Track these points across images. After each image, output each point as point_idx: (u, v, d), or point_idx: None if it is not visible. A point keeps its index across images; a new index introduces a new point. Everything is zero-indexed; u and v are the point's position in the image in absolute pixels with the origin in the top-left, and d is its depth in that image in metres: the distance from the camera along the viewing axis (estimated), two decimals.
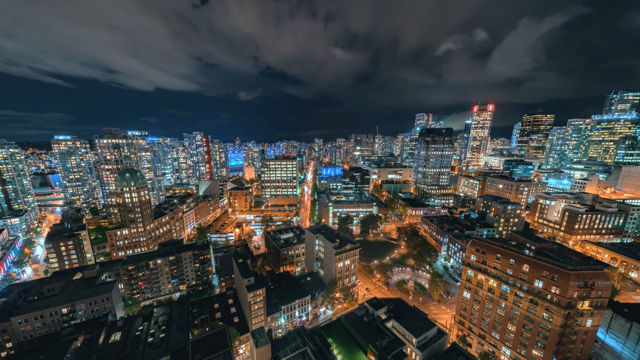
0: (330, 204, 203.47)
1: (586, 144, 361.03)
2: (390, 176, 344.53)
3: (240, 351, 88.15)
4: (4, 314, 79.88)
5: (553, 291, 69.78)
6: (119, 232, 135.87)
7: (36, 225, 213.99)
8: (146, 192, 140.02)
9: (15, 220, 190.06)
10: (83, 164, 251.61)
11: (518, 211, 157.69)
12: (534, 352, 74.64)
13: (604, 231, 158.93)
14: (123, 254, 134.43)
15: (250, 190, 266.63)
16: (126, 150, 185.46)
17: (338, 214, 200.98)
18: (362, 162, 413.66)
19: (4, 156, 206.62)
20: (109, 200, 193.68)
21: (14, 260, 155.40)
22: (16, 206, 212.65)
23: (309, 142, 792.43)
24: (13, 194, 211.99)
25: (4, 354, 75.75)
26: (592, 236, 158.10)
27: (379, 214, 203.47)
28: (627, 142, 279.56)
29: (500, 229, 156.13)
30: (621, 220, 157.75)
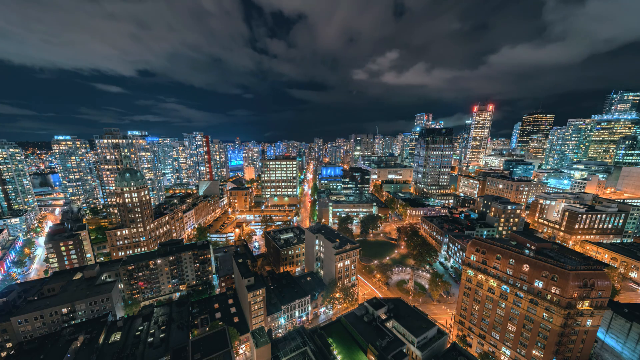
0: (330, 204, 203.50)
1: (586, 144, 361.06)
2: (390, 176, 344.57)
3: (240, 351, 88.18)
4: (4, 314, 79.94)
5: (553, 291, 69.79)
6: (119, 232, 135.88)
7: (36, 225, 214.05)
8: (146, 192, 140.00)
9: (15, 220, 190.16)
10: (83, 164, 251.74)
11: (518, 211, 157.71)
12: (534, 352, 74.64)
13: (603, 231, 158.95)
14: (123, 254, 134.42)
15: (250, 190, 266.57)
16: (126, 151, 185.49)
17: (338, 214, 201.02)
18: (362, 162, 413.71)
19: (4, 156, 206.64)
20: (109, 200, 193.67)
21: (14, 260, 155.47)
22: (16, 206, 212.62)
23: (309, 142, 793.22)
24: (13, 194, 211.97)
25: (4, 354, 75.78)
26: (592, 236, 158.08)
27: (379, 214, 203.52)
28: (627, 142, 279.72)
29: (500, 229, 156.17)
30: (621, 220, 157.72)
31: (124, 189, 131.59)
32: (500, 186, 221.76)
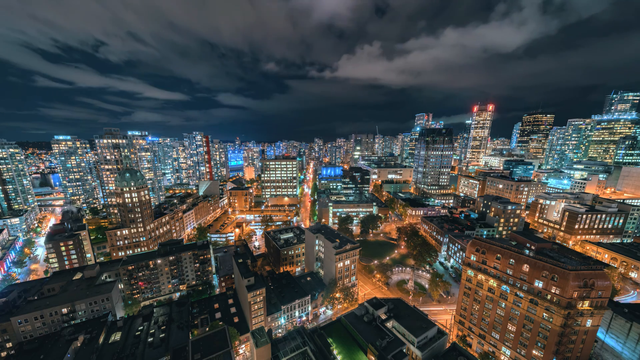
0: (330, 204, 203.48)
1: (586, 144, 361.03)
2: (390, 176, 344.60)
3: (240, 351, 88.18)
4: (4, 314, 79.93)
5: (553, 291, 69.80)
6: (119, 232, 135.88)
7: (36, 225, 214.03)
8: (146, 192, 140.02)
9: (15, 220, 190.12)
10: (83, 164, 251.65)
11: (518, 211, 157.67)
12: (534, 352, 74.65)
13: (603, 231, 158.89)
14: (123, 254, 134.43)
15: (250, 190, 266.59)
16: (126, 151, 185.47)
17: (338, 214, 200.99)
18: (362, 162, 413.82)
19: (4, 156, 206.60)
20: (109, 200, 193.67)
21: (14, 260, 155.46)
22: (16, 206, 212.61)
23: (309, 142, 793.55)
24: (13, 194, 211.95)
25: (4, 354, 75.76)
26: (592, 236, 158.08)
27: (379, 214, 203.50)
28: (627, 142, 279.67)
29: (500, 229, 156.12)
30: (621, 220, 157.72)
31: (124, 189, 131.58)
32: (500, 186, 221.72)
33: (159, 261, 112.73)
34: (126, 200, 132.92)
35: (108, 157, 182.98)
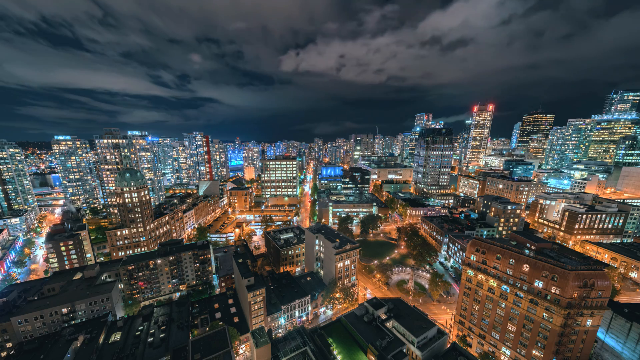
0: (330, 204, 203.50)
1: (586, 144, 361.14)
2: (390, 176, 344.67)
3: (240, 351, 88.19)
4: (4, 314, 79.89)
5: (553, 291, 69.80)
6: (119, 232, 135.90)
7: (36, 225, 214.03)
8: (146, 192, 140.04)
9: (15, 220, 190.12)
10: (83, 164, 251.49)
11: (518, 211, 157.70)
12: (534, 352, 74.64)
13: (603, 231, 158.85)
14: (123, 254, 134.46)
15: (250, 190, 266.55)
16: (126, 151, 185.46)
17: (338, 214, 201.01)
18: (362, 162, 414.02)
19: (4, 156, 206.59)
20: (109, 200, 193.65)
21: (14, 260, 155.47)
22: (16, 206, 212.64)
23: (309, 142, 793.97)
24: (13, 194, 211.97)
25: (4, 354, 75.76)
26: (592, 236, 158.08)
27: (379, 214, 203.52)
28: (627, 142, 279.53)
29: (500, 229, 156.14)
30: (621, 220, 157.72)
31: (124, 189, 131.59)
32: (500, 186, 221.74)
33: (159, 261, 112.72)
34: (126, 200, 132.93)
35: (108, 157, 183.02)
